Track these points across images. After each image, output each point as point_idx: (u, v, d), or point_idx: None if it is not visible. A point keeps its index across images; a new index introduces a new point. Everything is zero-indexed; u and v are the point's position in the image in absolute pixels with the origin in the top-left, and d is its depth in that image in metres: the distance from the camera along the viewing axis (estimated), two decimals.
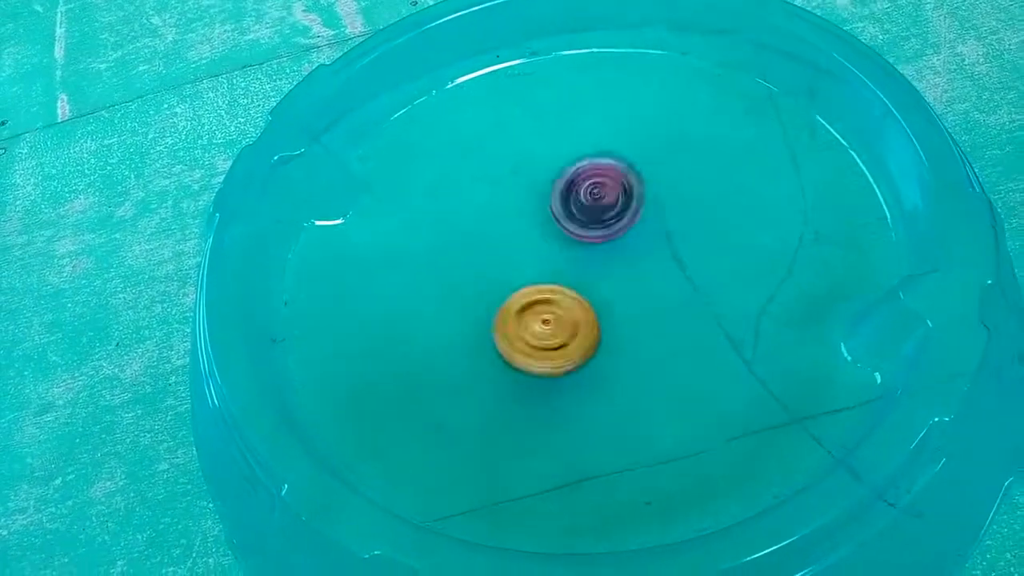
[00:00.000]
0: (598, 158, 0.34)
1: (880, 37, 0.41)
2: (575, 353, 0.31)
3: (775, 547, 0.25)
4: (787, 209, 0.35)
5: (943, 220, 0.30)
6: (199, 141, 0.43)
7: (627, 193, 0.33)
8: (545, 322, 0.31)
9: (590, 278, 0.33)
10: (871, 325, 0.30)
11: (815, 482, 0.27)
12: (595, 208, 0.33)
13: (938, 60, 0.40)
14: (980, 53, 0.40)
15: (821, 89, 0.36)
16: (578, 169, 0.34)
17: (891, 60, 0.35)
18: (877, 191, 0.34)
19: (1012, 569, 0.28)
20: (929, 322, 0.28)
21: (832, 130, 0.36)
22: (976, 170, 0.33)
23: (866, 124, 0.35)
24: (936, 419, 0.26)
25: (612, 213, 0.33)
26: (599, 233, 0.33)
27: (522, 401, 0.32)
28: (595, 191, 0.33)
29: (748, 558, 0.25)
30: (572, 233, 0.33)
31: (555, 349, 0.31)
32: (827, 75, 0.36)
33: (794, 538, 0.25)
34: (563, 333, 0.31)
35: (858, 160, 0.35)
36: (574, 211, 0.34)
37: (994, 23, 0.40)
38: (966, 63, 0.39)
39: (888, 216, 0.34)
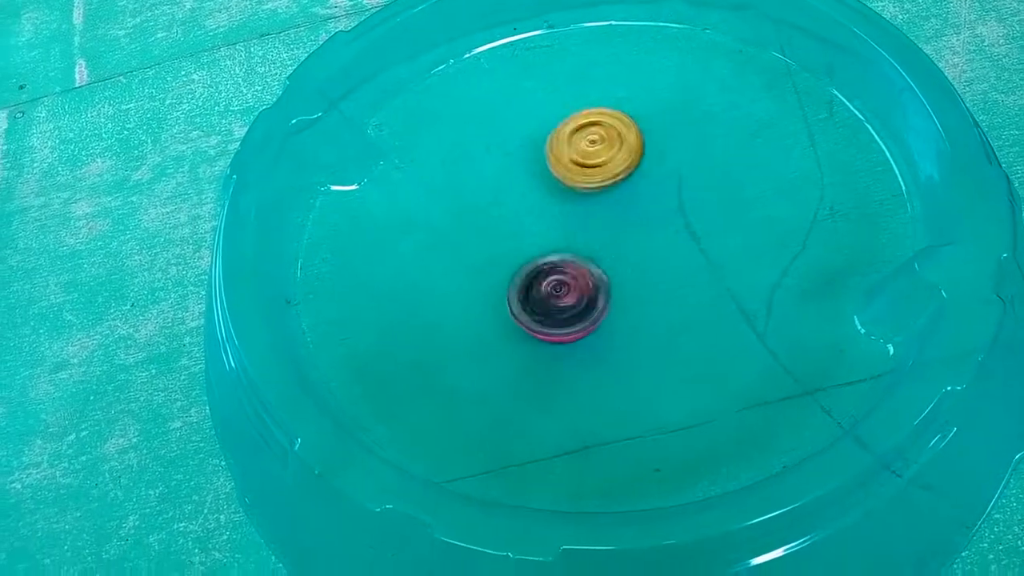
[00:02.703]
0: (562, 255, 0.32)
1: (900, 16, 0.40)
2: (619, 165, 0.34)
3: (779, 512, 0.25)
4: (803, 184, 0.35)
5: (960, 194, 0.30)
6: (216, 108, 0.43)
7: (592, 293, 0.31)
8: (592, 142, 0.34)
9: (603, 248, 0.34)
10: (885, 297, 0.30)
11: (822, 451, 0.27)
12: (554, 307, 0.31)
13: (958, 40, 0.40)
14: (1000, 34, 0.39)
15: (839, 65, 0.36)
16: (538, 265, 0.32)
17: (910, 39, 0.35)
18: (894, 167, 0.34)
19: (1020, 543, 0.28)
20: (944, 294, 0.28)
21: (850, 106, 0.36)
22: (994, 148, 0.33)
23: (884, 99, 0.34)
24: (948, 389, 0.26)
25: (574, 313, 0.31)
26: (559, 332, 0.31)
27: (534, 367, 0.32)
28: (557, 290, 0.31)
29: (752, 521, 0.25)
30: (531, 330, 0.31)
31: (601, 165, 0.34)
32: (846, 51, 0.36)
33: (797, 504, 0.25)
34: (609, 149, 0.34)
35: (875, 136, 0.35)
36: (534, 308, 0.31)
37: (1015, 4, 0.40)
38: (986, 44, 0.39)
39: (904, 192, 0.34)
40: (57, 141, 0.44)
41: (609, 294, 0.32)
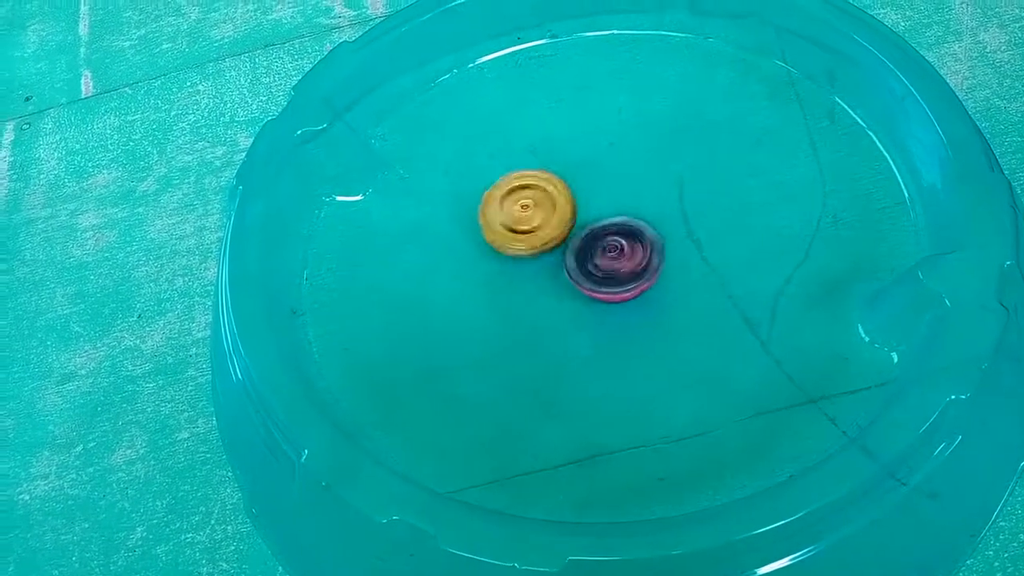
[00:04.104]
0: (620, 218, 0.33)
1: (901, 23, 0.41)
2: (553, 232, 0.34)
3: (784, 521, 0.25)
4: (806, 192, 0.35)
5: (963, 201, 0.30)
6: (221, 119, 0.43)
7: (646, 256, 0.32)
8: (524, 207, 0.34)
9: None
10: (889, 305, 0.30)
11: (826, 459, 0.27)
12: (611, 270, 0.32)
13: (959, 47, 0.40)
14: (1002, 40, 0.40)
15: (841, 73, 0.36)
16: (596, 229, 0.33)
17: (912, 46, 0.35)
18: (897, 174, 0.34)
19: None
20: (947, 302, 0.28)
21: (852, 113, 0.36)
22: (997, 155, 0.33)
23: (886, 107, 0.34)
24: (952, 397, 0.26)
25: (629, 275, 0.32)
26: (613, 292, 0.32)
27: (538, 376, 0.32)
28: (612, 254, 0.32)
29: (758, 530, 0.25)
30: (585, 289, 0.32)
31: (533, 231, 0.34)
32: (847, 59, 0.36)
33: (802, 513, 0.25)
34: (540, 215, 0.34)
35: (878, 143, 0.35)
36: (590, 270, 0.32)
37: (1017, 11, 0.40)
38: (988, 50, 0.39)
39: (907, 200, 0.34)
40: (63, 152, 0.44)
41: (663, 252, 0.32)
